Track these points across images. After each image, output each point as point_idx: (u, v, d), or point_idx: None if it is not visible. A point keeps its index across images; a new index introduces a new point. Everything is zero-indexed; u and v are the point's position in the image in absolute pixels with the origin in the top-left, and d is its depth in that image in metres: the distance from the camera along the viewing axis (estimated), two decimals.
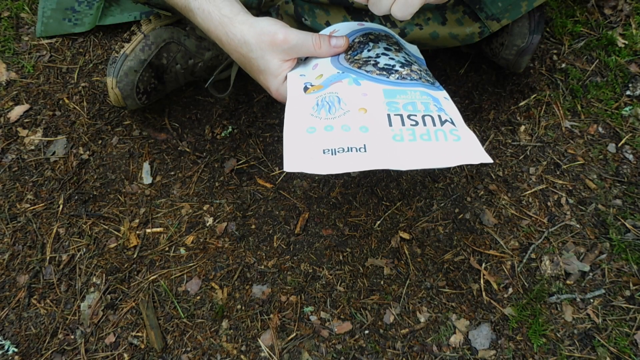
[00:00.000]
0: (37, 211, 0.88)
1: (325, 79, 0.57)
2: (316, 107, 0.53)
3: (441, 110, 0.53)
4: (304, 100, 0.55)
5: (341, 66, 0.58)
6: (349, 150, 0.49)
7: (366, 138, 0.50)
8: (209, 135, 0.94)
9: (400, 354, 0.76)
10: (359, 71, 0.56)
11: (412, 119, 0.51)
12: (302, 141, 0.50)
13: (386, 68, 0.57)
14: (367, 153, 0.49)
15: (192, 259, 0.84)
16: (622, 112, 0.92)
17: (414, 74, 0.57)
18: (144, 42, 0.84)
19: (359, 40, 0.61)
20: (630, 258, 0.80)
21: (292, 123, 0.52)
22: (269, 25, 0.59)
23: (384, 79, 0.55)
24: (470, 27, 0.76)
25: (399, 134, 0.50)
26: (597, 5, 1.02)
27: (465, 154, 0.49)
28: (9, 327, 0.80)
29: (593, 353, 0.75)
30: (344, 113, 0.51)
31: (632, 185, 0.86)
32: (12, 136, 0.95)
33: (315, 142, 0.50)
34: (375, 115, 0.51)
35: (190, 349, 0.77)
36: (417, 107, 0.52)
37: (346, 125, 0.50)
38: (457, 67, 0.98)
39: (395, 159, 0.48)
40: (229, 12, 0.61)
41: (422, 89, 0.55)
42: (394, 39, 0.64)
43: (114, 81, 0.83)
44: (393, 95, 0.53)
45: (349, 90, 0.54)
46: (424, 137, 0.49)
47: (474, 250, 0.83)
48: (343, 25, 0.65)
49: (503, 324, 0.77)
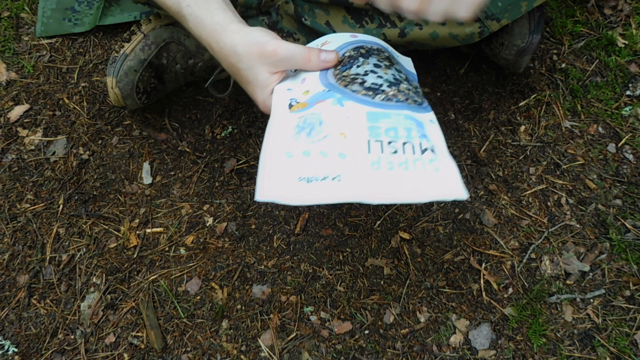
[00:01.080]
0: (37, 211, 0.88)
1: (310, 96, 0.56)
2: (297, 129, 0.52)
3: (423, 136, 0.52)
4: (286, 120, 0.54)
5: (328, 83, 0.57)
6: (323, 179, 0.48)
7: (343, 166, 0.49)
8: (209, 135, 0.94)
9: (400, 354, 0.76)
10: (345, 90, 0.55)
11: (392, 146, 0.50)
12: (278, 167, 0.49)
13: (373, 88, 0.56)
14: (341, 183, 0.48)
15: (192, 259, 0.84)
16: (622, 112, 0.92)
17: (400, 94, 0.56)
18: (143, 42, 0.84)
19: (349, 55, 0.60)
20: (630, 258, 0.80)
21: (270, 145, 0.52)
22: (260, 36, 0.58)
23: (369, 99, 0.54)
24: (470, 27, 0.76)
25: (377, 162, 0.49)
26: (597, 5, 1.02)
27: (441, 188, 0.48)
28: (9, 327, 0.80)
29: (593, 353, 0.75)
30: (324, 137, 0.51)
31: (632, 185, 0.86)
32: (12, 136, 0.95)
33: (292, 169, 0.49)
34: (355, 140, 0.50)
35: (190, 349, 0.77)
36: (399, 132, 0.51)
37: (324, 151, 0.50)
38: (457, 67, 0.98)
39: (369, 192, 0.47)
40: (221, 20, 0.60)
41: (407, 112, 0.54)
42: (386, 52, 0.63)
43: (113, 81, 0.83)
44: (376, 118, 0.53)
45: (332, 112, 0.53)
46: (402, 166, 0.49)
47: (474, 250, 0.83)
48: (335, 37, 0.64)
49: (503, 324, 0.77)
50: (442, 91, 0.96)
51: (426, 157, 0.50)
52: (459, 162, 0.90)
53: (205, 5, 0.61)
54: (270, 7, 0.82)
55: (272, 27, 0.83)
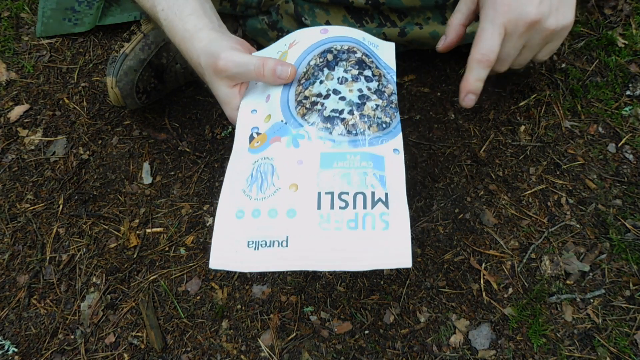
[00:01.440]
0: (37, 211, 0.88)
1: (270, 127, 0.55)
2: (250, 179, 0.52)
3: (380, 180, 0.50)
4: (243, 165, 0.53)
5: (288, 111, 0.55)
6: (270, 244, 0.48)
7: (291, 227, 0.48)
8: (209, 135, 0.94)
9: (400, 354, 0.76)
10: (303, 122, 0.53)
11: (342, 199, 0.49)
12: (230, 230, 0.49)
13: (332, 117, 0.53)
14: (287, 249, 0.48)
15: (192, 259, 0.84)
16: (622, 112, 0.92)
17: (362, 121, 0.53)
18: (143, 42, 0.84)
19: (315, 63, 0.57)
20: (630, 258, 0.80)
21: (226, 198, 0.51)
22: (217, 48, 0.55)
23: (326, 135, 0.52)
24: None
25: (326, 220, 0.48)
26: (597, 5, 1.02)
27: (386, 256, 0.47)
28: (9, 327, 0.80)
29: (593, 353, 0.75)
30: (274, 192, 0.50)
31: (632, 185, 0.86)
32: (12, 136, 0.95)
33: (242, 232, 0.49)
34: (305, 194, 0.49)
35: (190, 349, 0.77)
36: (352, 179, 0.50)
37: (274, 210, 0.49)
38: (457, 67, 0.98)
39: (314, 260, 0.47)
40: (191, 27, 0.58)
41: (366, 149, 0.52)
42: (358, 52, 0.58)
43: (113, 81, 0.83)
44: (330, 162, 0.51)
45: (285, 156, 0.52)
46: (351, 224, 0.48)
47: (474, 250, 0.83)
48: (305, 34, 0.60)
49: (503, 324, 0.77)
50: (442, 91, 0.96)
51: (377, 210, 0.48)
52: (459, 162, 0.90)
53: (178, 11, 0.59)
54: (270, 6, 0.82)
55: (272, 26, 0.83)
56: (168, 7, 0.59)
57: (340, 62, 0.56)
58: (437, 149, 0.91)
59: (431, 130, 0.93)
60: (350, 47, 0.58)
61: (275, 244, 0.48)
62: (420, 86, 0.97)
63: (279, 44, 0.62)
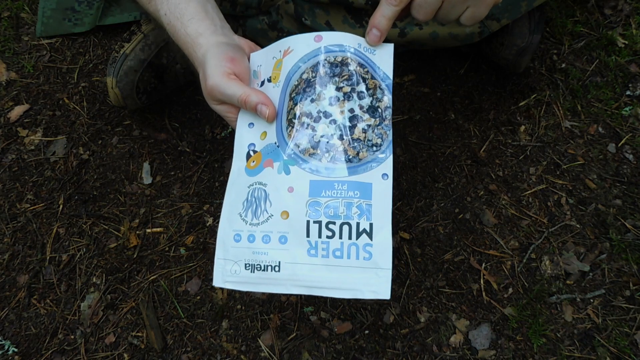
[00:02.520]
0: (37, 211, 0.88)
1: (264, 146, 0.56)
2: (245, 204, 0.54)
3: (365, 212, 0.52)
4: (240, 187, 0.56)
5: (280, 130, 0.56)
6: (265, 269, 0.52)
7: (282, 253, 0.52)
8: (209, 135, 0.94)
9: (400, 354, 0.76)
10: (293, 147, 0.54)
11: (329, 229, 0.52)
12: (229, 252, 0.54)
13: (321, 143, 0.54)
14: (279, 274, 0.52)
15: (192, 259, 0.84)
16: (622, 112, 0.92)
17: (352, 146, 0.54)
18: (143, 42, 0.84)
19: (307, 77, 0.56)
20: (630, 258, 0.80)
21: (225, 223, 0.55)
22: (210, 67, 0.55)
23: (314, 163, 0.53)
24: (470, 27, 0.76)
25: (314, 248, 0.51)
26: (597, 5, 1.02)
27: (366, 289, 0.50)
28: (9, 327, 0.80)
29: (593, 353, 0.75)
30: (267, 219, 0.53)
31: (632, 185, 0.86)
32: (12, 136, 0.95)
33: (240, 254, 0.53)
34: (295, 222, 0.52)
35: (190, 349, 0.77)
36: (339, 210, 0.52)
37: (267, 236, 0.53)
38: (457, 67, 0.98)
39: (304, 285, 0.51)
40: (192, 32, 0.58)
41: (354, 178, 0.53)
42: (353, 63, 0.56)
43: (113, 81, 0.83)
44: (319, 191, 0.53)
45: (277, 183, 0.54)
46: (337, 253, 0.51)
47: (474, 250, 0.82)
48: (297, 41, 0.58)
49: (503, 324, 0.77)
50: (442, 91, 0.96)
51: (361, 241, 0.51)
52: (459, 162, 0.90)
53: (179, 15, 0.59)
54: (270, 6, 0.82)
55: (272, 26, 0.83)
56: (170, 11, 0.59)
57: (333, 77, 0.56)
58: (437, 149, 0.91)
59: (431, 130, 0.93)
60: (344, 58, 0.57)
61: (268, 269, 0.52)
62: (420, 86, 0.97)
63: (274, 49, 0.61)
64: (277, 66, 0.59)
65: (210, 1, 0.62)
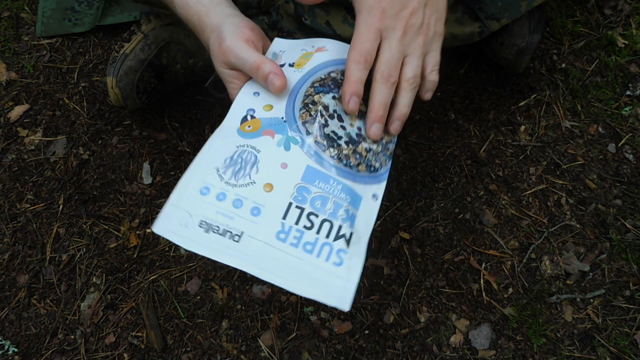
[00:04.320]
0: (37, 211, 0.88)
1: (269, 117, 0.54)
2: (228, 162, 0.51)
3: (350, 219, 0.50)
4: (226, 143, 0.52)
5: (291, 109, 0.54)
6: (223, 233, 0.47)
7: (249, 225, 0.47)
8: (209, 135, 0.94)
9: (400, 354, 0.76)
10: (301, 127, 0.53)
11: (309, 219, 0.48)
12: (187, 203, 0.48)
13: (330, 137, 0.52)
14: (237, 244, 0.46)
15: (192, 259, 0.84)
16: (622, 112, 0.92)
17: (354, 156, 0.53)
18: (143, 42, 0.84)
19: (334, 76, 0.56)
20: (630, 258, 0.80)
21: (194, 172, 0.50)
22: (226, 30, 0.55)
23: (318, 151, 0.52)
24: (470, 26, 0.76)
25: (286, 232, 0.48)
26: (597, 5, 1.02)
27: (330, 290, 0.46)
28: (9, 327, 0.80)
29: (593, 353, 0.75)
30: (247, 184, 0.49)
31: (632, 185, 0.86)
32: (12, 136, 0.95)
33: (199, 209, 0.48)
34: (277, 198, 0.49)
35: (190, 349, 0.77)
36: (327, 205, 0.49)
37: (240, 200, 0.48)
38: (457, 67, 0.98)
39: (260, 267, 0.46)
40: (207, 2, 0.59)
41: (349, 183, 0.52)
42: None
43: (113, 81, 0.83)
44: (312, 179, 0.50)
45: (272, 154, 0.51)
46: (308, 246, 0.47)
47: (474, 250, 0.82)
48: (335, 45, 0.58)
49: (503, 324, 0.77)
50: (442, 91, 0.96)
51: (337, 245, 0.48)
52: (459, 162, 0.90)
53: None
54: (270, 6, 0.82)
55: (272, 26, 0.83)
56: None
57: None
58: (437, 149, 0.91)
59: (431, 130, 0.93)
60: None
61: (227, 235, 0.47)
62: None
63: (305, 43, 0.61)
64: (306, 57, 0.59)
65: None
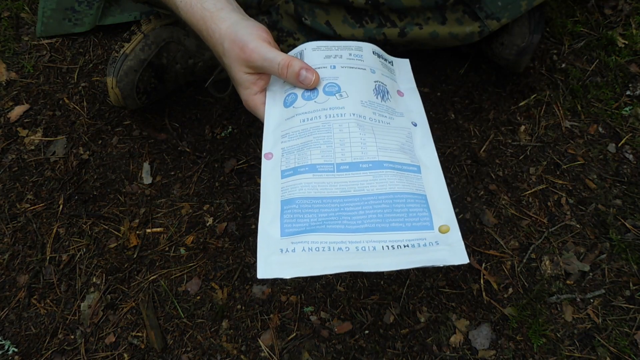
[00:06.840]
0: (37, 211, 0.88)
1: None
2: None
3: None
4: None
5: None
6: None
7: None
8: (209, 135, 0.94)
9: (400, 354, 0.76)
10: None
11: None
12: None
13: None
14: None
15: (192, 259, 0.84)
16: (622, 112, 0.92)
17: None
18: (143, 42, 0.84)
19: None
20: (630, 258, 0.80)
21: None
22: (245, 34, 0.55)
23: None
24: (470, 26, 0.76)
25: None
26: (597, 5, 1.02)
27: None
28: (9, 327, 0.80)
29: (593, 353, 0.75)
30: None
31: (632, 185, 0.86)
32: (12, 136, 0.95)
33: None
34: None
35: (190, 349, 0.77)
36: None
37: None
38: (457, 67, 0.98)
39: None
40: (211, 7, 0.58)
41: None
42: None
43: (113, 81, 0.83)
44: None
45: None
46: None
47: (474, 250, 0.82)
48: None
49: (503, 324, 0.77)
50: (442, 91, 0.96)
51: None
52: (459, 162, 0.90)
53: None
54: (270, 6, 0.82)
55: (272, 26, 0.83)
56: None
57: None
58: (437, 149, 0.91)
59: (431, 130, 0.93)
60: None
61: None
62: (420, 86, 0.97)
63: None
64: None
65: None
